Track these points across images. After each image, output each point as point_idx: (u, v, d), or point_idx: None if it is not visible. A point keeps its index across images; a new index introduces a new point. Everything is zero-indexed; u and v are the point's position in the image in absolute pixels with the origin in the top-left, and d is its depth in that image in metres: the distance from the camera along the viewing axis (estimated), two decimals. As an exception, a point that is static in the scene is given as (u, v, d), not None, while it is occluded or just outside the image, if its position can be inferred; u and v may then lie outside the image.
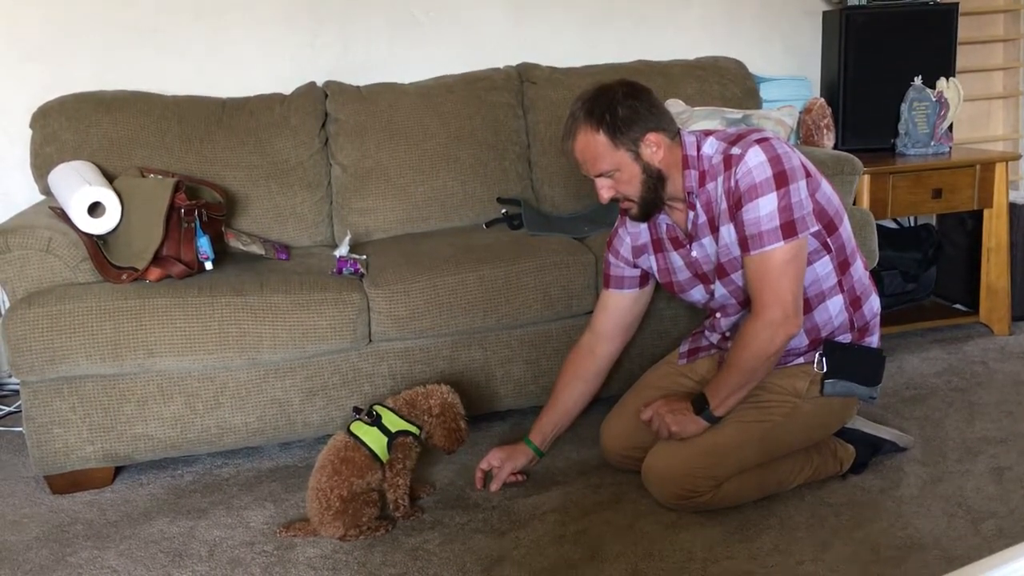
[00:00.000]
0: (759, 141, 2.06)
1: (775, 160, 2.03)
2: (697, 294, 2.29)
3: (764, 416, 2.18)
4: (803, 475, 2.28)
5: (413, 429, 2.22)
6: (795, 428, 2.21)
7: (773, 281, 2.05)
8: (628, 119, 2.07)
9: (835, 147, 3.41)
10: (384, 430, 2.19)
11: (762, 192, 2.02)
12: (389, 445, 2.19)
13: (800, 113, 3.39)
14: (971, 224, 3.43)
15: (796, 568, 1.98)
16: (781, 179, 2.03)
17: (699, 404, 2.17)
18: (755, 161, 2.03)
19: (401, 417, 2.22)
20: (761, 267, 2.06)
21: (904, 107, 3.36)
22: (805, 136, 3.42)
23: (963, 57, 3.56)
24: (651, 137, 2.09)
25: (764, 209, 2.02)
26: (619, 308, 2.39)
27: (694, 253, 2.21)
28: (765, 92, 3.47)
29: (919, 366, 3.08)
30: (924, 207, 3.26)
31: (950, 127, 3.42)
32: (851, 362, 2.20)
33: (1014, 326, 3.38)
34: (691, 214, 2.16)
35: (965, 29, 3.56)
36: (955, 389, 2.88)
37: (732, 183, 2.06)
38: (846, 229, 2.18)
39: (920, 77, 3.36)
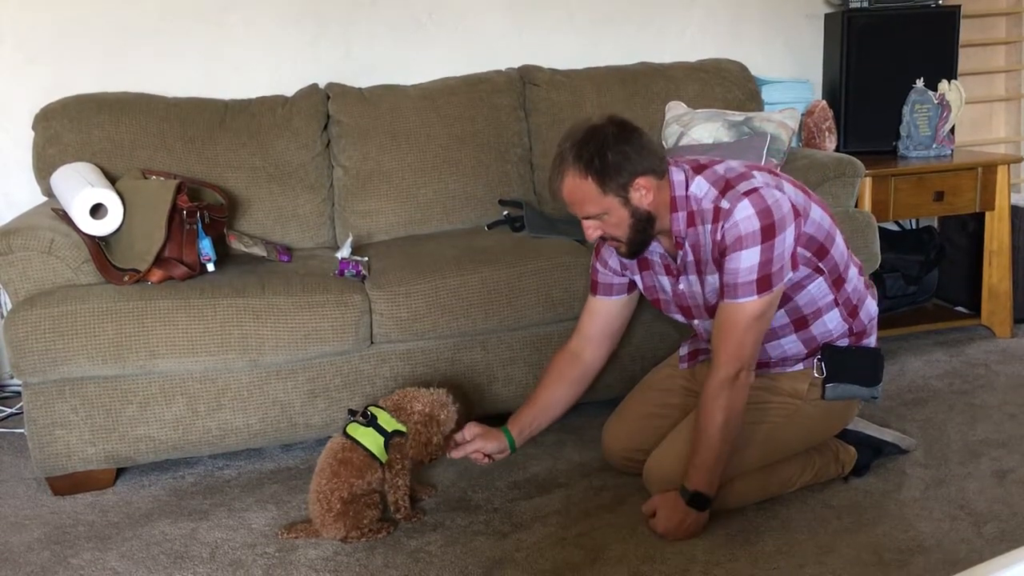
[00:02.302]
0: (747, 193, 2.02)
1: (764, 212, 2.01)
2: (679, 318, 2.31)
3: (765, 418, 2.18)
4: (805, 477, 2.28)
5: (406, 430, 2.22)
6: (797, 430, 2.21)
7: (738, 335, 2.05)
8: (617, 165, 2.02)
9: (837, 149, 3.41)
10: (380, 430, 2.19)
11: (746, 245, 2.01)
12: (386, 445, 2.19)
13: (802, 116, 3.39)
14: (973, 227, 3.43)
15: (798, 571, 1.97)
16: (768, 232, 2.01)
17: (695, 501, 2.10)
18: (742, 215, 2.01)
19: (393, 417, 2.23)
20: (730, 318, 2.05)
21: (906, 109, 3.36)
22: (807, 139, 3.42)
23: (965, 60, 3.56)
24: (640, 181, 2.05)
25: (745, 262, 2.01)
26: (608, 314, 2.37)
27: (681, 286, 2.21)
28: (767, 94, 3.47)
29: (921, 368, 3.08)
30: (926, 209, 3.25)
31: (952, 130, 3.42)
32: (850, 364, 2.20)
33: (1016, 328, 3.37)
34: (680, 253, 2.15)
35: (967, 32, 3.56)
36: (957, 392, 2.88)
37: (719, 236, 2.05)
38: (838, 248, 2.16)
39: (922, 79, 3.36)
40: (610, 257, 2.32)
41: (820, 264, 2.12)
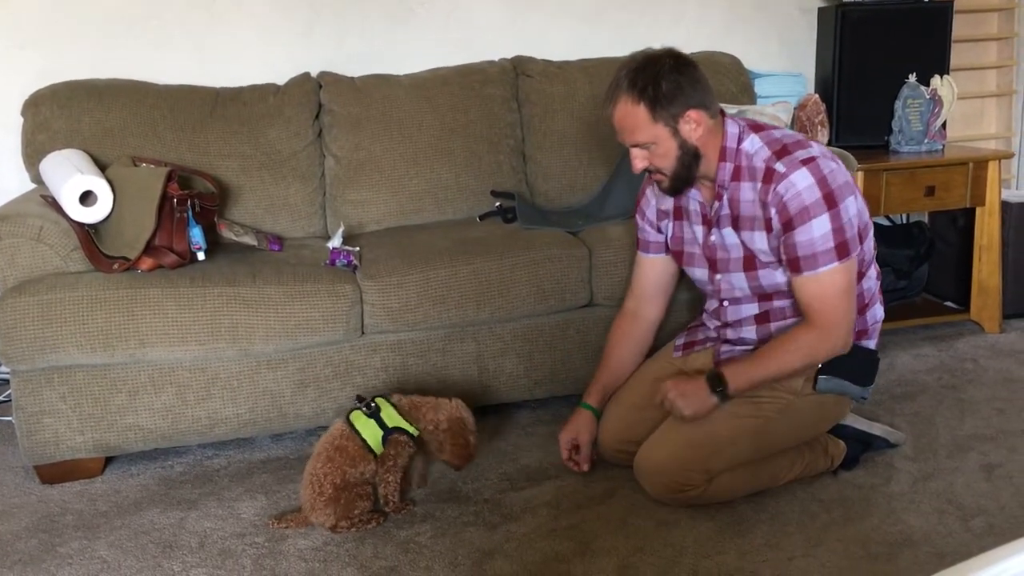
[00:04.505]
0: (806, 161, 2.05)
1: (823, 181, 2.03)
2: (699, 273, 2.31)
3: (758, 411, 2.18)
4: (795, 471, 2.29)
5: (410, 429, 2.21)
6: (789, 424, 2.22)
7: (834, 302, 2.07)
8: (671, 94, 2.05)
9: (829, 144, 3.41)
10: (381, 424, 2.19)
11: (814, 214, 2.03)
12: (384, 439, 2.19)
13: (794, 109, 3.39)
14: (963, 222, 3.44)
15: (787, 564, 1.98)
16: (831, 200, 2.03)
17: (714, 382, 2.16)
18: (804, 183, 2.03)
19: (401, 415, 2.22)
20: (818, 289, 2.07)
21: (898, 104, 3.36)
22: (799, 132, 3.42)
23: (957, 55, 3.57)
24: (692, 114, 2.08)
25: (818, 231, 2.03)
26: (653, 270, 2.41)
27: (713, 238, 2.22)
28: (760, 88, 3.47)
29: (910, 363, 3.09)
30: (917, 204, 3.26)
31: (944, 125, 3.42)
32: (845, 360, 2.20)
33: (1005, 324, 3.39)
34: (716, 204, 2.17)
35: (960, 27, 3.56)
36: (946, 386, 2.89)
37: (772, 199, 2.06)
38: (869, 242, 2.19)
39: (914, 74, 3.36)
40: (648, 208, 2.35)
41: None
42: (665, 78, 2.05)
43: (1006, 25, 3.87)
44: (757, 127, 2.16)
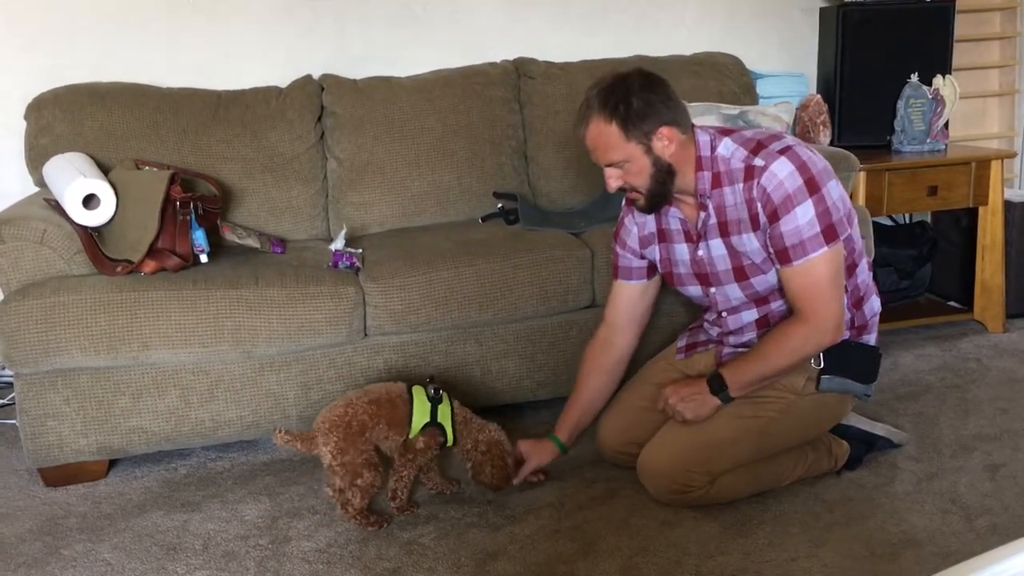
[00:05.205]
0: (783, 151, 2.06)
1: (803, 167, 2.04)
2: (694, 290, 2.30)
3: (760, 411, 2.18)
4: (798, 471, 2.29)
5: (449, 435, 2.23)
6: (791, 424, 2.22)
7: (824, 291, 2.06)
8: (642, 112, 2.05)
9: (831, 144, 3.41)
10: (433, 414, 2.20)
11: (797, 201, 2.03)
12: (423, 428, 2.20)
13: (796, 109, 3.39)
14: (966, 221, 3.44)
15: (790, 564, 1.98)
16: (812, 185, 2.03)
17: (715, 384, 2.17)
18: (784, 172, 2.03)
19: (452, 420, 2.23)
20: (807, 278, 2.06)
21: (900, 104, 3.36)
22: (801, 133, 3.42)
23: (959, 54, 3.56)
24: (664, 131, 2.07)
25: (803, 218, 2.03)
26: (630, 299, 2.38)
27: (700, 252, 2.21)
28: (762, 88, 3.47)
29: (914, 363, 3.08)
30: (920, 204, 3.26)
31: (946, 124, 3.42)
32: (848, 359, 2.20)
33: (1008, 323, 3.38)
34: (702, 215, 2.16)
35: (962, 26, 3.56)
36: (949, 386, 2.88)
37: (756, 194, 2.06)
38: (857, 231, 2.18)
39: (916, 74, 3.36)
40: (628, 237, 2.34)
41: None
42: (636, 96, 2.05)
43: (1008, 24, 3.87)
44: (725, 131, 2.16)
